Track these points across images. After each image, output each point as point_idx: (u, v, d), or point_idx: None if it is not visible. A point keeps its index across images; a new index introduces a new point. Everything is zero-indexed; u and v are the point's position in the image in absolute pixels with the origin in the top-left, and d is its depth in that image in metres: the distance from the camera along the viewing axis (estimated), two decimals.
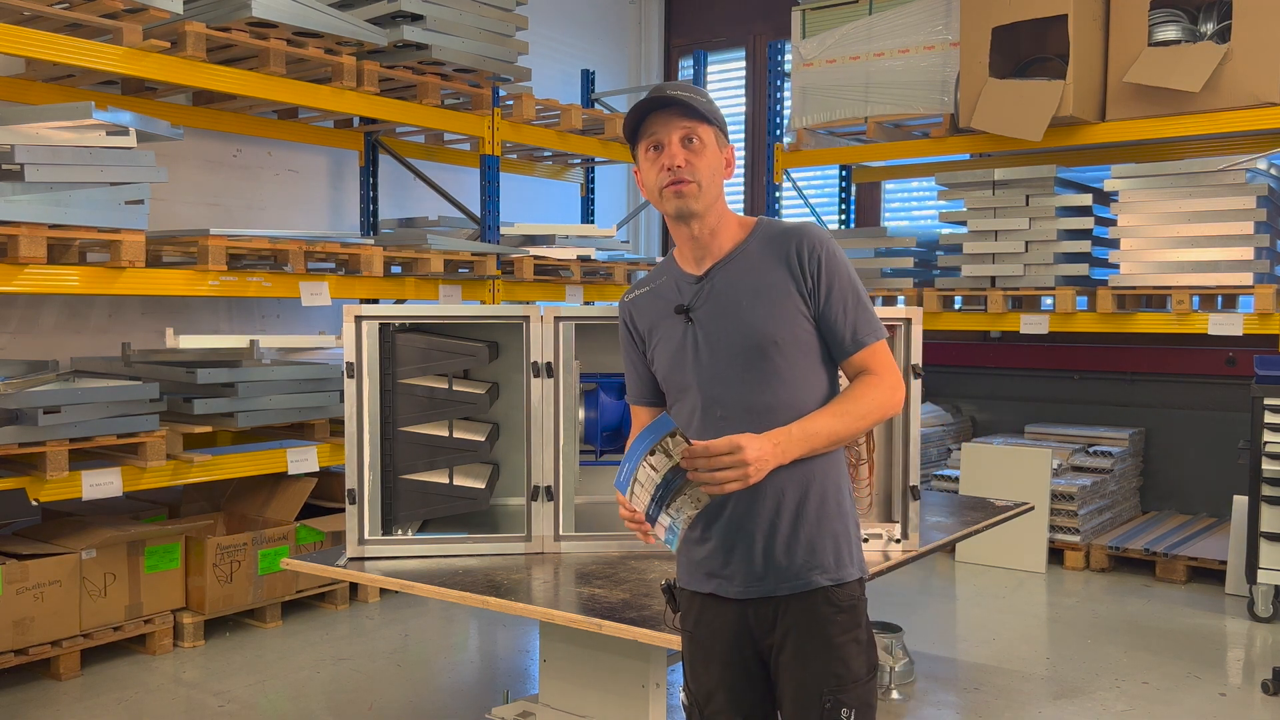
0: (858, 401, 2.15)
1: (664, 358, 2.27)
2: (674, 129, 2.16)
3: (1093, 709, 4.13)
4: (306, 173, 6.46)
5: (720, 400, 2.18)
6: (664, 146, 2.17)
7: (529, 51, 6.06)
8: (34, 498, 4.13)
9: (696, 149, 2.16)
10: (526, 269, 6.04)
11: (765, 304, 2.17)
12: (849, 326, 2.18)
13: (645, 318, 2.32)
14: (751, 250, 2.22)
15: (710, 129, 2.19)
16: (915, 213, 8.16)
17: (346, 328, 3.46)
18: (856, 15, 6.80)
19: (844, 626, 2.17)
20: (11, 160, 3.94)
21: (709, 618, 2.24)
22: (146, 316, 5.59)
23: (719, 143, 2.22)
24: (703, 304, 2.22)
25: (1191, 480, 6.72)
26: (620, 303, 2.39)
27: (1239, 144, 6.16)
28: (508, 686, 4.29)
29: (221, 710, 4.09)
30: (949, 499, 4.76)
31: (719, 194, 2.22)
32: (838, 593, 2.17)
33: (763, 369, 2.15)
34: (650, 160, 2.19)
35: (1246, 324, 5.52)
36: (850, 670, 2.16)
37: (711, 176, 2.18)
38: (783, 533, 2.16)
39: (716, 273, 2.22)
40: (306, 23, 4.90)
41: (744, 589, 2.18)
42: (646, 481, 2.01)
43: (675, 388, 2.27)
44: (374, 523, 3.51)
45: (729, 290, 2.20)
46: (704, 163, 2.17)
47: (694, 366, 2.21)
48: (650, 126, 2.18)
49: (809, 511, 2.16)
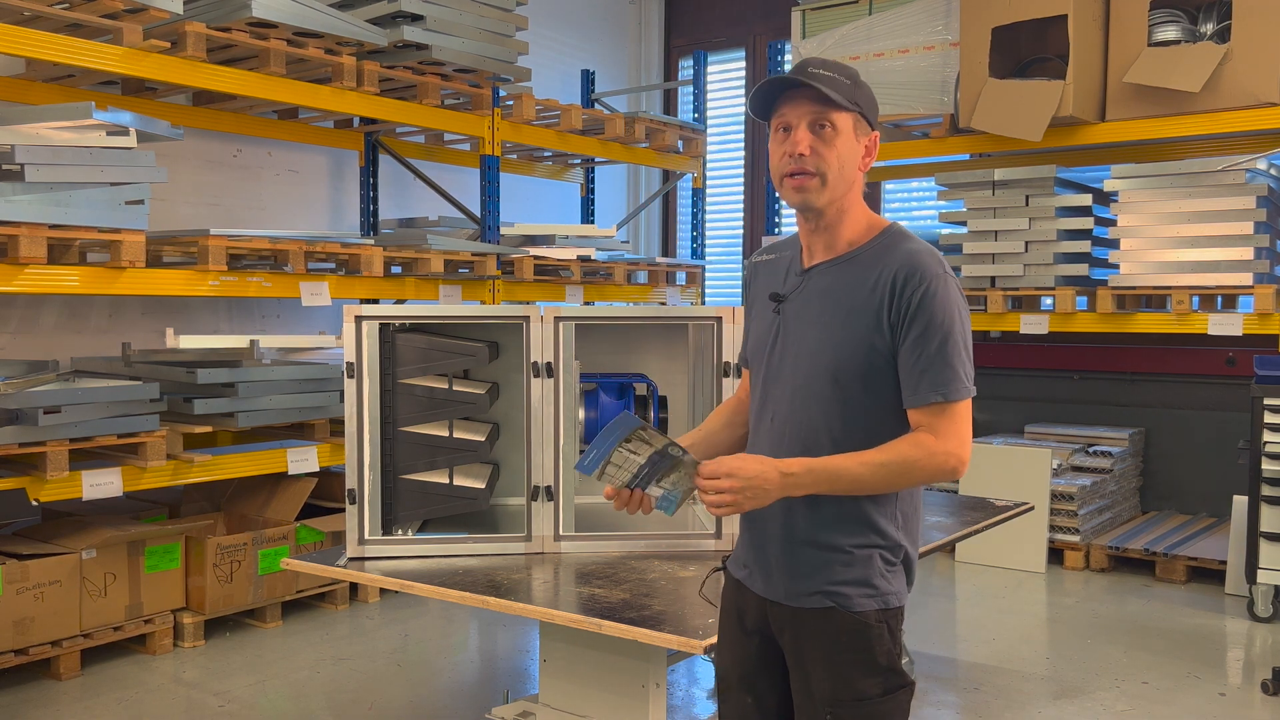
0: (895, 454, 1.96)
1: (752, 337, 2.22)
2: (805, 113, 1.99)
3: (1093, 709, 4.13)
4: (306, 173, 6.46)
5: (776, 406, 2.11)
6: (792, 130, 2.01)
7: (529, 51, 6.06)
8: (34, 498, 4.13)
9: (827, 137, 1.99)
10: (526, 269, 6.04)
11: (847, 327, 2.02)
12: (919, 375, 1.98)
13: (758, 286, 2.24)
14: (863, 259, 2.06)
15: (848, 115, 2.01)
16: (915, 213, 8.16)
17: (346, 328, 3.46)
18: (856, 15, 6.80)
19: (850, 647, 2.06)
20: (12, 160, 3.94)
21: (737, 601, 2.25)
22: (146, 316, 5.59)
23: (858, 130, 2.04)
24: (795, 301, 2.11)
25: (1191, 480, 6.72)
26: (748, 261, 2.35)
27: (1239, 144, 6.16)
28: (508, 686, 4.29)
29: (221, 710, 4.09)
30: (949, 499, 4.76)
31: (849, 187, 2.05)
32: (844, 616, 2.05)
33: (822, 392, 2.04)
34: (778, 142, 2.04)
35: (1246, 324, 5.52)
36: (853, 689, 2.05)
37: (841, 169, 2.01)
38: (797, 542, 2.09)
39: (819, 272, 2.09)
40: (306, 23, 4.90)
41: (764, 588, 2.17)
42: (624, 464, 2.01)
43: (753, 371, 2.21)
44: (374, 523, 3.51)
45: (822, 297, 2.07)
46: (833, 153, 2.00)
47: (766, 364, 2.14)
48: (781, 106, 2.02)
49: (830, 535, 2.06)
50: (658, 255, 8.58)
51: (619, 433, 1.98)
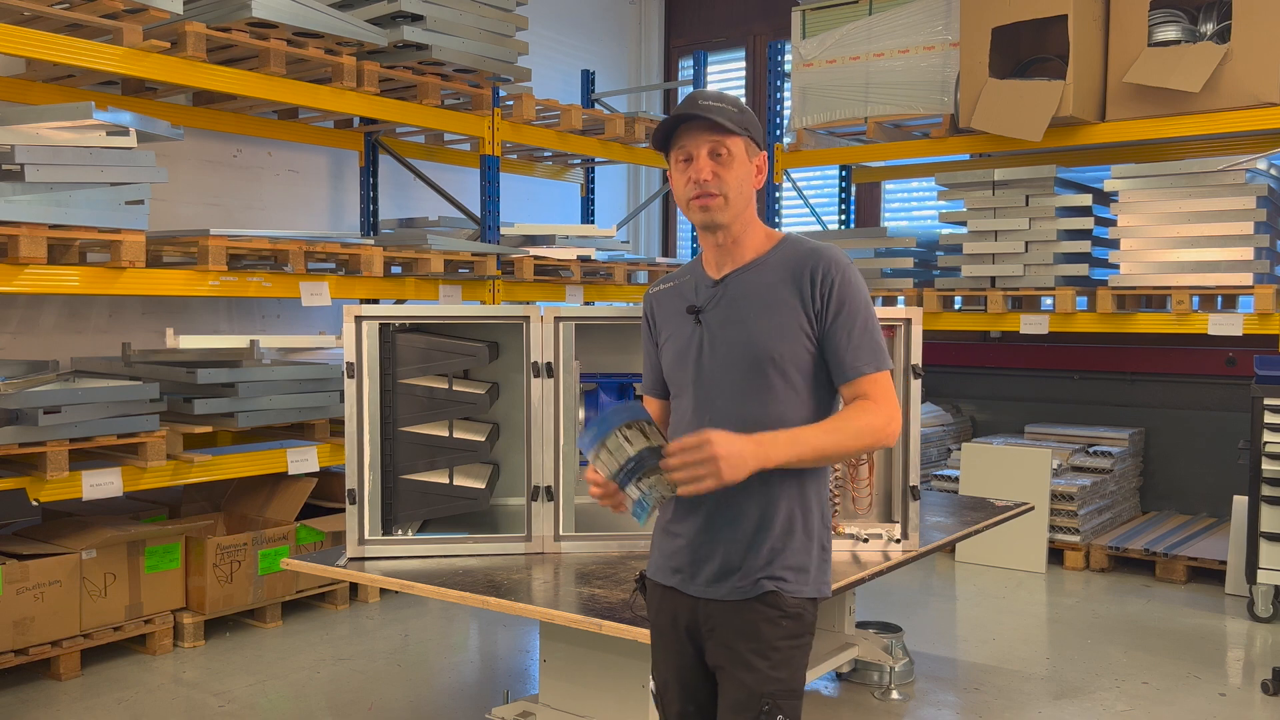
0: (849, 420, 2.15)
1: (670, 355, 2.32)
2: (702, 142, 2.18)
3: (1093, 709, 4.13)
4: (306, 173, 6.46)
5: (713, 406, 2.22)
6: (693, 159, 2.19)
7: (529, 52, 6.05)
8: (34, 498, 4.13)
9: (725, 161, 2.19)
10: (526, 269, 6.04)
11: (771, 319, 2.19)
12: (851, 351, 2.18)
13: (663, 312, 2.37)
14: (770, 263, 2.24)
15: (740, 139, 2.20)
16: (915, 213, 8.16)
17: (347, 328, 3.46)
18: (856, 15, 6.80)
19: (791, 632, 2.19)
20: (12, 160, 3.94)
21: (668, 609, 2.31)
22: (146, 316, 5.59)
23: (749, 152, 2.23)
24: (714, 308, 2.25)
25: (1191, 480, 6.72)
26: (645, 295, 2.44)
27: (1239, 144, 6.16)
28: (508, 686, 4.29)
29: (221, 710, 4.09)
30: (949, 499, 4.76)
31: (747, 203, 2.24)
32: (787, 600, 2.18)
33: (758, 382, 2.18)
34: (680, 171, 2.23)
35: (1246, 324, 5.52)
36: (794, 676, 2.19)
37: (739, 188, 2.21)
38: (746, 545, 2.19)
39: (732, 280, 2.25)
40: (307, 23, 4.90)
41: (703, 589, 2.23)
42: (616, 450, 2.05)
43: (676, 386, 2.31)
44: (374, 523, 3.51)
45: (740, 299, 2.23)
46: (732, 175, 2.19)
47: (695, 369, 2.25)
48: (680, 138, 2.21)
49: (775, 529, 2.18)
50: (658, 255, 8.59)
51: (622, 417, 2.05)
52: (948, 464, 6.78)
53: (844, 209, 7.80)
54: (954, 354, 7.35)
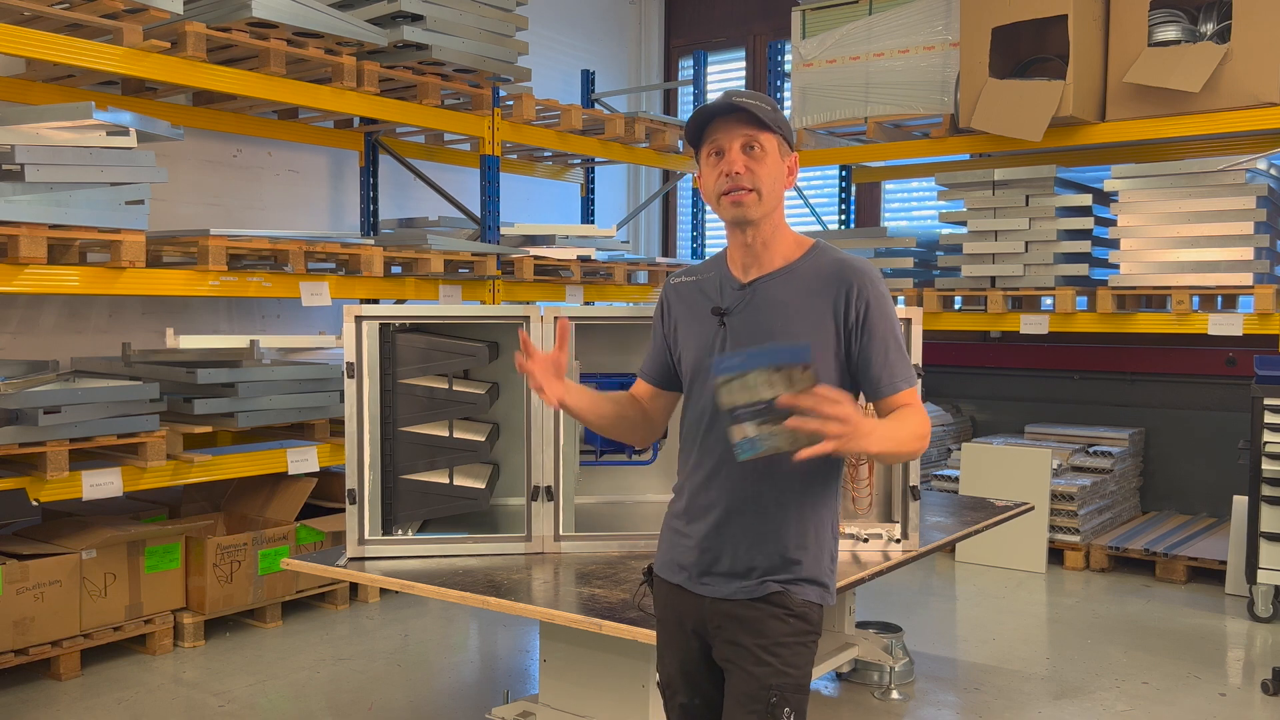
0: (906, 425, 2.13)
1: (691, 352, 2.29)
2: (736, 136, 2.17)
3: (1093, 709, 4.13)
4: (307, 173, 6.46)
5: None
6: (725, 152, 2.17)
7: (529, 52, 6.05)
8: (34, 498, 4.13)
9: (758, 156, 2.17)
10: (526, 269, 6.04)
11: (799, 330, 2.17)
12: (888, 369, 2.18)
13: (682, 306, 2.34)
14: (801, 272, 2.22)
15: (773, 137, 2.19)
16: (915, 213, 8.16)
17: (347, 328, 3.46)
18: (856, 15, 6.80)
19: (798, 630, 2.20)
20: (12, 160, 3.94)
21: (674, 606, 2.31)
22: (146, 316, 5.59)
23: (781, 151, 2.22)
24: (740, 313, 2.23)
25: (1191, 480, 6.71)
26: (666, 283, 2.41)
27: (1239, 144, 6.16)
28: (508, 686, 4.29)
29: (221, 710, 4.09)
30: (949, 499, 4.76)
31: (778, 203, 2.23)
32: (794, 600, 2.19)
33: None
34: (711, 165, 2.20)
35: (1246, 324, 5.52)
36: (801, 672, 2.19)
37: (771, 185, 2.19)
38: (757, 550, 2.20)
39: (760, 286, 2.23)
40: (307, 23, 4.90)
41: (711, 590, 2.24)
42: (754, 386, 1.96)
43: (696, 384, 2.28)
44: (374, 523, 3.51)
45: (768, 307, 2.21)
46: (765, 170, 2.17)
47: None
48: (713, 132, 2.19)
49: (787, 538, 2.19)
50: (658, 255, 8.58)
51: (781, 358, 1.95)
52: (948, 464, 6.78)
53: (844, 209, 7.80)
54: (954, 354, 7.35)
